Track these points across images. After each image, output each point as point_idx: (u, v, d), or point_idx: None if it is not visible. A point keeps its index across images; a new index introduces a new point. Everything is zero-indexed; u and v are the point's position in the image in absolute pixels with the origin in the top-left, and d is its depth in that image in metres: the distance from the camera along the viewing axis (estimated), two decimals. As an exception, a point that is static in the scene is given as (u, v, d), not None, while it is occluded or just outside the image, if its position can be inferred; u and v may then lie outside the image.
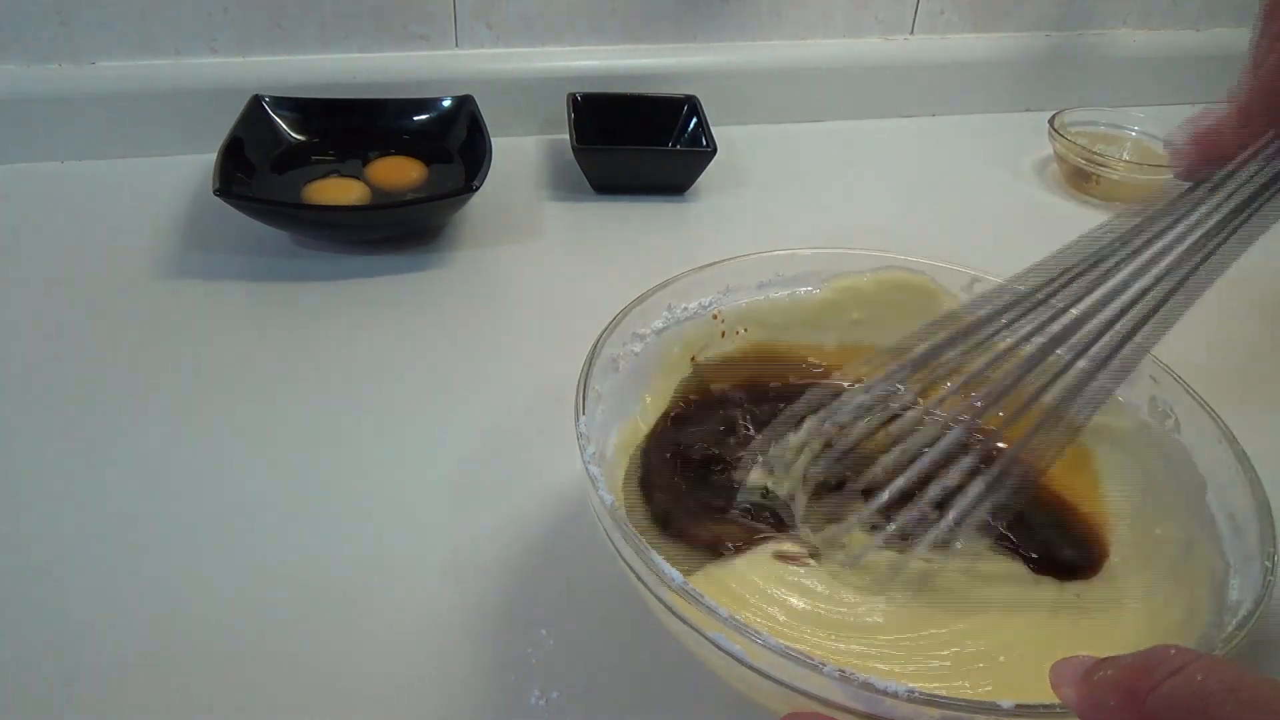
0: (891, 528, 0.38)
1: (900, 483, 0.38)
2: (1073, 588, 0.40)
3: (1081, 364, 0.37)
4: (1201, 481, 0.40)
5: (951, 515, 0.37)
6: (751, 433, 0.46)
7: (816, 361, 0.51)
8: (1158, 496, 0.43)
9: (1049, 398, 0.38)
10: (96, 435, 0.50)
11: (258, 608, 0.42)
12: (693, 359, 0.49)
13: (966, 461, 0.38)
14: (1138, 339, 0.37)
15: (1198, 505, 0.40)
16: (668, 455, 0.45)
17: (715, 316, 0.49)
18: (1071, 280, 0.38)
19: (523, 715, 0.38)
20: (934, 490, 0.38)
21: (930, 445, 0.39)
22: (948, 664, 0.36)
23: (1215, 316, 0.66)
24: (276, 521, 0.46)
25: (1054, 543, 0.43)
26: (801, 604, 0.38)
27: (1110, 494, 0.44)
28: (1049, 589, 0.40)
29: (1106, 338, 0.37)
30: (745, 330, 0.50)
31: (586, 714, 0.38)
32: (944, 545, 0.38)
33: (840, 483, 0.42)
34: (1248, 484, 0.38)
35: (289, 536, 0.45)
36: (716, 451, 0.45)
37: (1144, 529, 0.42)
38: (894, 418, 0.41)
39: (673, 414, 0.47)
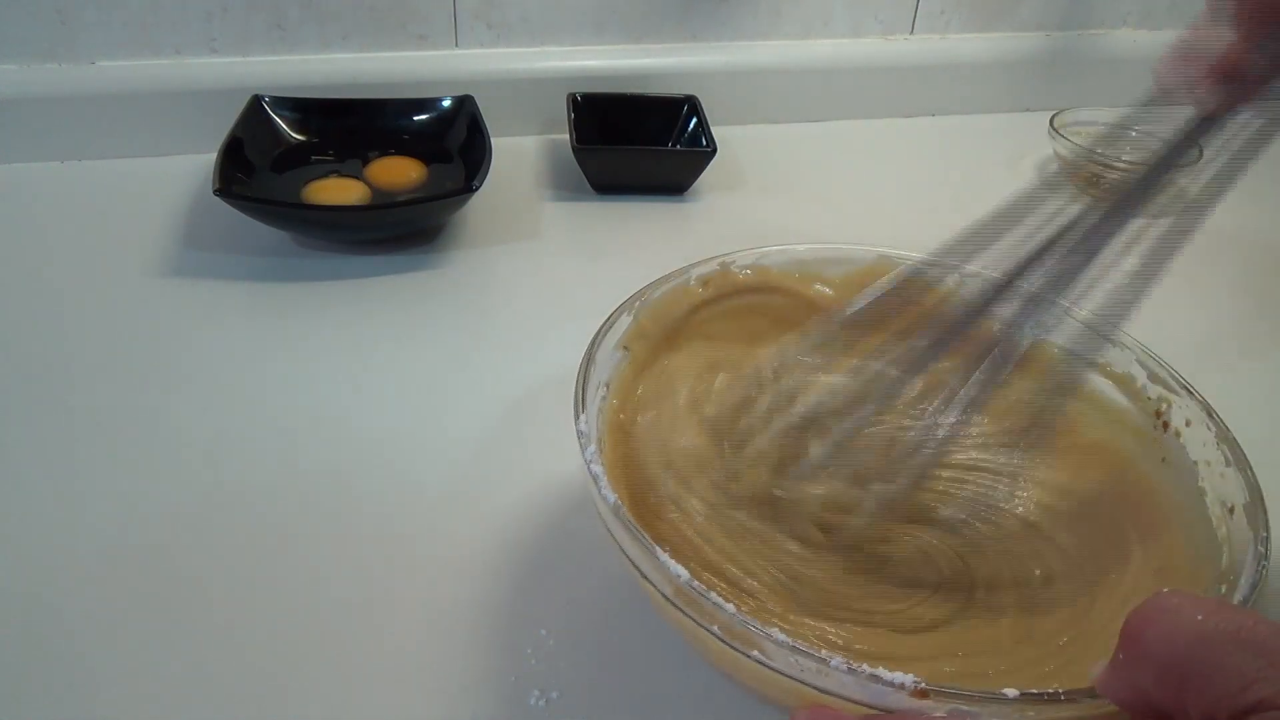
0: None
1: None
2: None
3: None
4: (1193, 469, 0.40)
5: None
6: None
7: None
8: (1149, 485, 0.42)
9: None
10: (96, 435, 0.50)
11: (257, 606, 0.42)
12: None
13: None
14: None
15: (1190, 493, 0.40)
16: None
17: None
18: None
19: (523, 715, 0.38)
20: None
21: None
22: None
23: (1205, 303, 0.67)
24: (276, 521, 0.46)
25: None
26: None
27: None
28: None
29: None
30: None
31: (586, 714, 0.38)
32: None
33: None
34: (1239, 471, 0.38)
35: (288, 536, 0.45)
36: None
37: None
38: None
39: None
